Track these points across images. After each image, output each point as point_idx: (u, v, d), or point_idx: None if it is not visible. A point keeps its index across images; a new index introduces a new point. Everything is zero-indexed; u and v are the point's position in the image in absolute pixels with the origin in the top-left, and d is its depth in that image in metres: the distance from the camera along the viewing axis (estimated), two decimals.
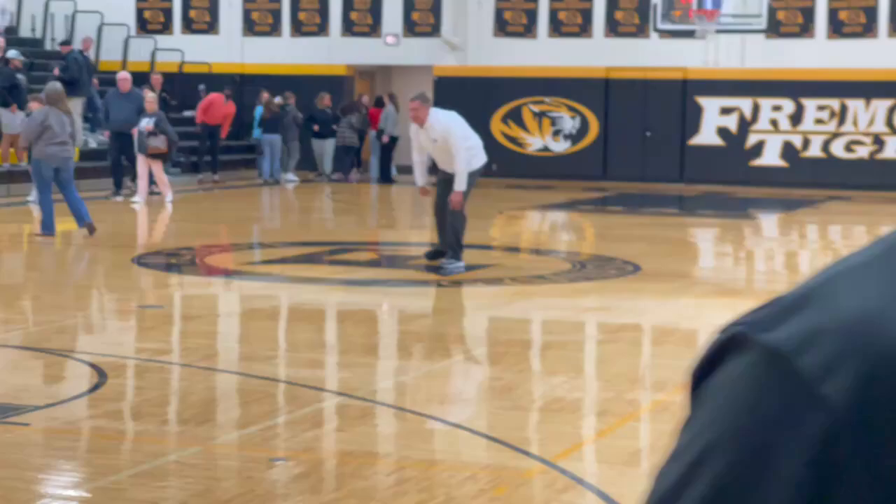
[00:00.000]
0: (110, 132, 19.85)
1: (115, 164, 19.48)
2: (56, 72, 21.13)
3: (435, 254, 11.94)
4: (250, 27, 26.76)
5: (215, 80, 24.31)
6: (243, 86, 26.22)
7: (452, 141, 11.43)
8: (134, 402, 6.77)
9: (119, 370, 7.48)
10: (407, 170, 18.00)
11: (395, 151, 23.53)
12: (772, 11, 22.14)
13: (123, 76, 20.03)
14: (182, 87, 25.03)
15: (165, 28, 27.15)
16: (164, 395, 6.96)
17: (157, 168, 18.46)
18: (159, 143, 18.19)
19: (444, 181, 11.65)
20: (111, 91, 20.19)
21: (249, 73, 26.49)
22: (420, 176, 11.83)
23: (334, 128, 23.89)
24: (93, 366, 7.44)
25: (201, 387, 7.11)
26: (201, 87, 24.21)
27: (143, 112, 18.51)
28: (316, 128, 23.69)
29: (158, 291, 10.89)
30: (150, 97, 18.79)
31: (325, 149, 24.05)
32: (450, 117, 11.65)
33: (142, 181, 18.52)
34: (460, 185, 11.47)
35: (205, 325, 9.19)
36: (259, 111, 23.68)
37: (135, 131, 18.50)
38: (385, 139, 23.59)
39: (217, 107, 22.93)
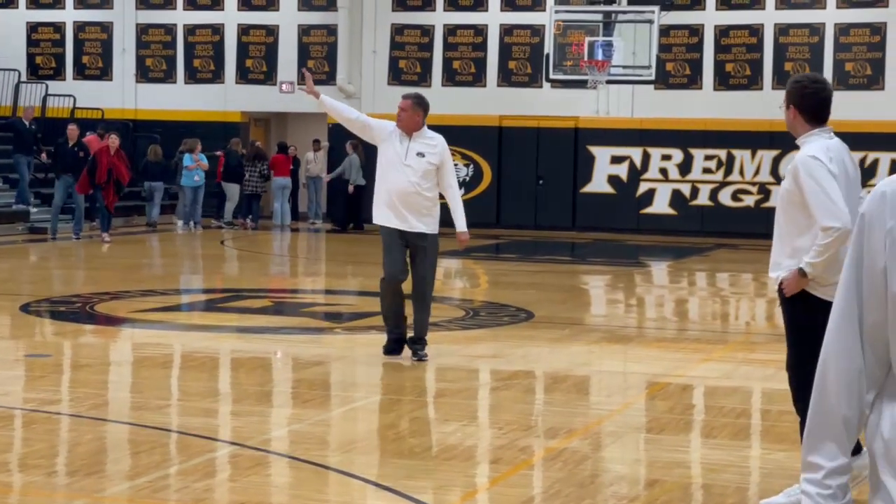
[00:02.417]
0: None
1: None
2: None
3: (412, 341, 9.53)
4: (144, 73, 26.57)
5: (109, 127, 24.06)
6: (137, 131, 26.00)
7: (450, 163, 9.18)
8: (21, 453, 6.64)
9: (5, 420, 7.34)
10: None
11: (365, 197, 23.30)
12: (660, 63, 22.63)
13: None
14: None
15: (57, 74, 26.82)
16: (51, 445, 6.84)
17: None
18: None
19: (400, 245, 9.28)
20: None
21: (143, 119, 26.29)
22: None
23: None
24: None
25: (90, 437, 7.00)
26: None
27: None
28: (246, 176, 23.96)
29: (46, 340, 10.71)
30: None
31: (235, 194, 24.12)
32: None
33: None
34: (463, 222, 9.18)
35: (94, 373, 9.06)
36: (187, 159, 23.41)
37: None
38: (351, 189, 23.56)
39: (96, 146, 22.64)
